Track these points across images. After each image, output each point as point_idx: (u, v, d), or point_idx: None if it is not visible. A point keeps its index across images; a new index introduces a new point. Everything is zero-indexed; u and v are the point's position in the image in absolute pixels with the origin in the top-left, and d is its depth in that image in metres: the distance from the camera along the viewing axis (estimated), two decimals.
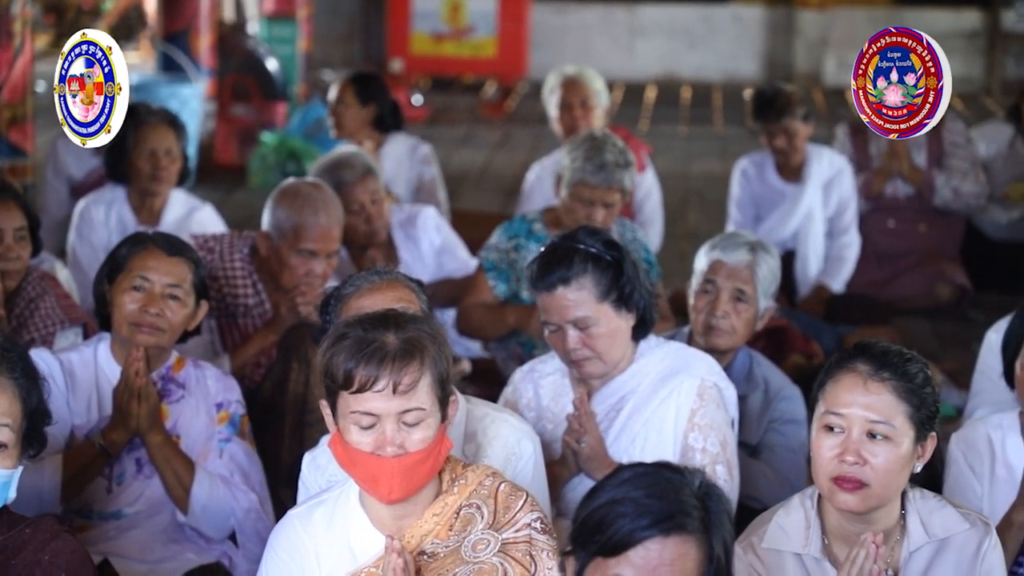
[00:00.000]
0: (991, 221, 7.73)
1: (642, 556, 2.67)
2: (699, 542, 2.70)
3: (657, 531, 2.68)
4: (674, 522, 2.68)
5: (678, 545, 2.68)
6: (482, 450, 3.67)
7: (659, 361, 4.10)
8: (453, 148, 11.45)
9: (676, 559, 2.68)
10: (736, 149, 9.35)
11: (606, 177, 5.39)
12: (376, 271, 3.78)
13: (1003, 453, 3.90)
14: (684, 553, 2.69)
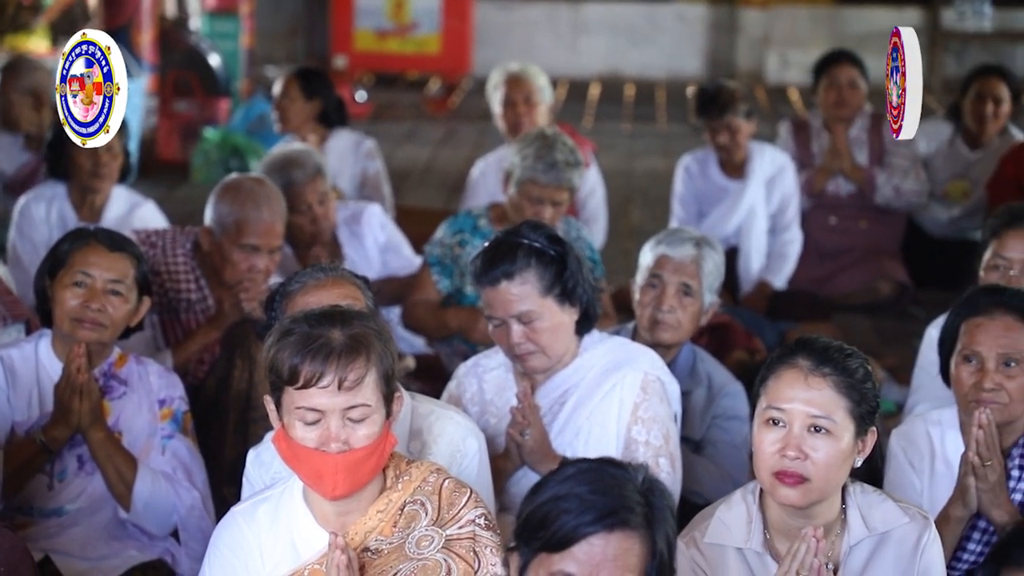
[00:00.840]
0: (932, 218, 7.79)
1: (585, 552, 2.68)
2: (642, 538, 2.70)
3: (600, 527, 2.68)
4: (617, 518, 2.69)
5: (621, 540, 2.69)
6: (427, 447, 3.67)
7: (602, 355, 4.12)
8: (397, 144, 11.43)
9: (619, 554, 2.68)
10: (679, 146, 9.38)
11: (556, 176, 5.41)
12: (322, 268, 3.77)
13: (942, 449, 3.93)
14: (627, 548, 2.69)
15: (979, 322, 3.84)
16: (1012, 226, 4.59)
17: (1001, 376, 3.79)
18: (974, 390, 3.81)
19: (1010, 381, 3.79)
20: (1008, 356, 3.80)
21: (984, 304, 3.87)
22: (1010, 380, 3.79)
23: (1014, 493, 3.83)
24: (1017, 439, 3.87)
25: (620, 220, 8.81)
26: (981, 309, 3.86)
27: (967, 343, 3.84)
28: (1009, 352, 3.80)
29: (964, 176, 7.77)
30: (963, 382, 3.83)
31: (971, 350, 3.83)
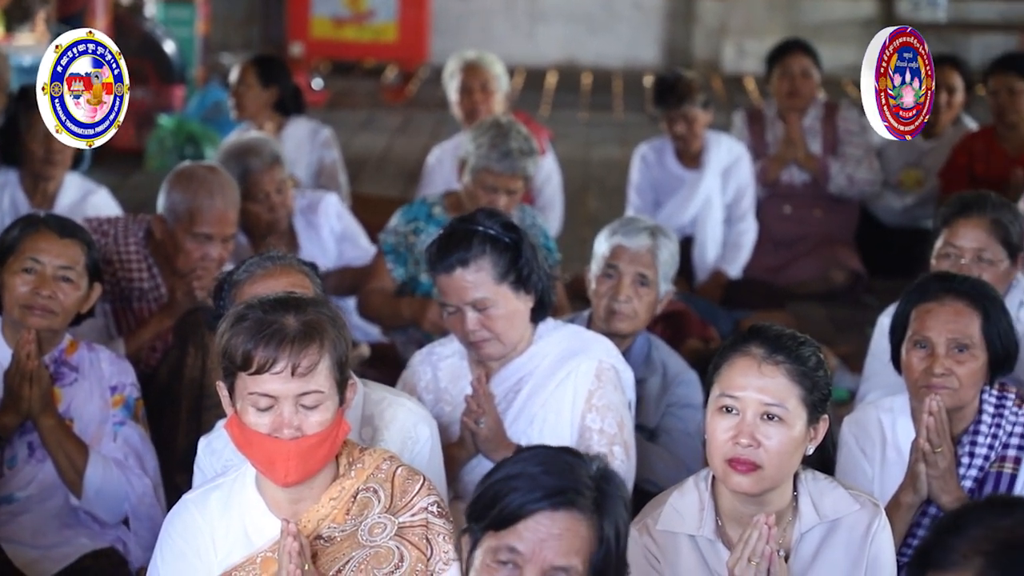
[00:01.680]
0: (885, 207, 7.83)
1: (531, 528, 2.68)
2: (590, 522, 2.70)
3: (547, 504, 2.68)
4: (565, 497, 2.68)
5: (567, 520, 2.68)
6: (379, 433, 3.67)
7: (557, 343, 4.12)
8: (354, 132, 11.40)
9: (564, 534, 2.68)
10: (636, 135, 9.39)
11: (510, 164, 5.42)
12: (270, 256, 3.76)
13: (893, 436, 3.96)
14: (573, 529, 2.69)
15: (929, 308, 3.86)
16: (963, 215, 4.62)
17: (951, 361, 3.82)
18: (924, 376, 3.83)
19: (960, 366, 3.82)
20: (958, 342, 3.82)
21: (934, 290, 3.89)
22: (960, 365, 3.82)
23: (964, 479, 3.86)
24: (967, 426, 3.90)
25: (576, 208, 8.82)
26: (931, 295, 3.88)
27: (917, 329, 3.87)
28: (959, 338, 3.82)
29: (917, 165, 7.81)
30: (914, 368, 3.86)
31: (921, 336, 3.86)
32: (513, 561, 2.68)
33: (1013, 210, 4.71)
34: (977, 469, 3.87)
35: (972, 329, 3.83)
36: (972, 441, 3.89)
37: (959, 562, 1.96)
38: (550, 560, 2.67)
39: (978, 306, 3.85)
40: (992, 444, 3.87)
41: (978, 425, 3.89)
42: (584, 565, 2.68)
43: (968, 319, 3.83)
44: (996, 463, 3.87)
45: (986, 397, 3.90)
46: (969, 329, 3.83)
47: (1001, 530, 1.98)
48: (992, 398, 3.90)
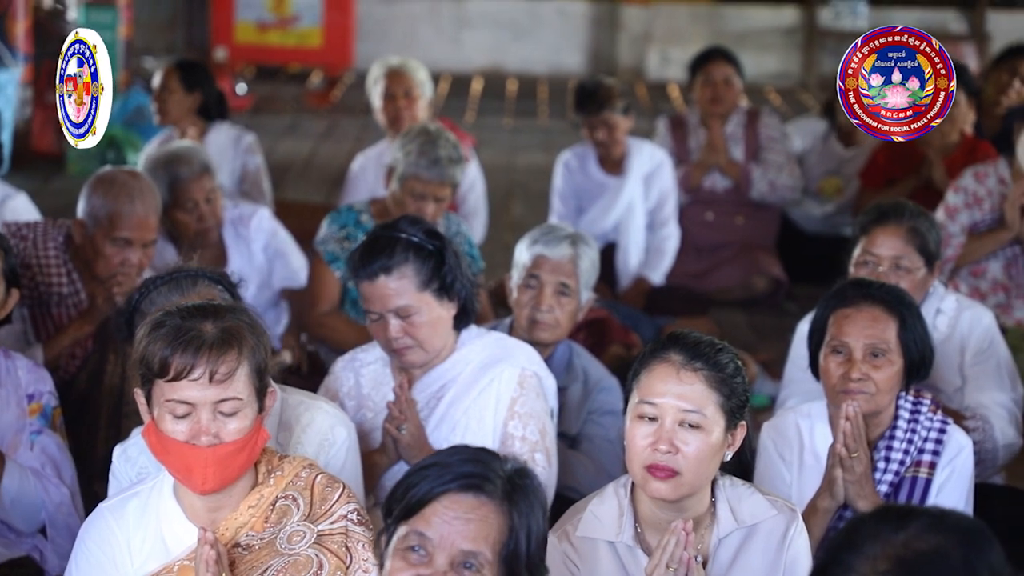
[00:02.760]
0: (806, 214, 7.89)
1: (439, 512, 2.67)
2: (499, 509, 2.68)
3: (455, 486, 2.68)
4: (473, 481, 2.68)
5: (475, 503, 2.67)
6: (296, 437, 3.67)
7: (480, 350, 4.13)
8: (278, 138, 11.36)
9: (471, 518, 2.67)
10: (561, 141, 9.42)
11: (439, 172, 5.43)
12: (178, 276, 3.70)
13: (811, 441, 3.99)
14: (480, 512, 2.68)
15: (847, 314, 3.90)
16: (881, 223, 4.67)
17: (868, 367, 3.86)
18: (842, 381, 3.87)
19: (877, 372, 3.86)
20: (874, 347, 3.87)
21: (852, 296, 3.94)
22: (876, 371, 3.86)
23: (879, 484, 3.90)
24: (883, 431, 3.94)
25: (501, 215, 8.83)
26: (849, 302, 3.92)
27: (835, 334, 3.91)
28: (875, 343, 3.87)
29: (837, 173, 7.88)
30: (831, 373, 3.90)
31: (839, 341, 3.90)
32: (422, 547, 2.67)
33: (930, 218, 4.77)
34: (893, 474, 3.91)
35: (888, 335, 3.87)
36: (888, 446, 3.93)
37: None
38: (458, 545, 2.66)
39: (895, 312, 3.89)
40: (907, 449, 3.92)
41: (894, 431, 3.93)
42: (494, 555, 2.67)
43: (885, 325, 3.88)
44: (911, 468, 3.91)
45: (902, 403, 3.95)
46: (885, 335, 3.87)
47: (895, 544, 1.99)
48: (908, 404, 3.95)
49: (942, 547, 1.99)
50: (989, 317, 4.88)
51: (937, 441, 3.92)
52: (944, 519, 2.05)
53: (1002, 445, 4.69)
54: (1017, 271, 6.27)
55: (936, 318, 4.75)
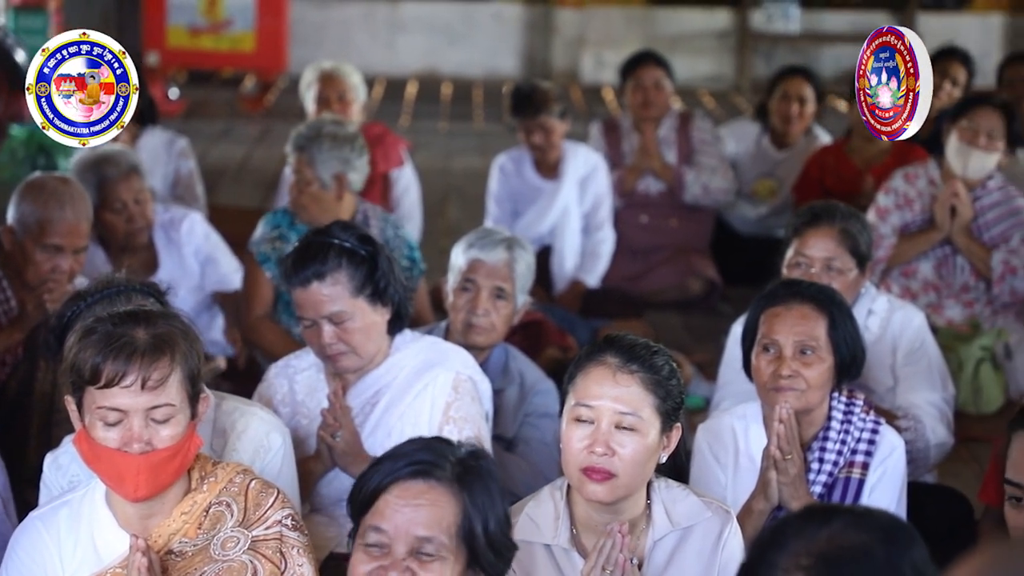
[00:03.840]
0: (739, 216, 7.93)
1: (391, 503, 2.69)
2: (451, 491, 2.70)
3: (405, 473, 2.69)
4: (421, 467, 2.69)
5: (424, 488, 2.69)
6: (230, 444, 3.65)
7: (415, 355, 4.12)
8: (211, 142, 11.30)
9: (420, 498, 2.68)
10: (496, 145, 9.41)
11: (292, 143, 5.54)
12: (110, 293, 3.67)
13: (746, 443, 4.01)
14: (430, 497, 2.69)
15: (777, 312, 3.93)
16: (813, 225, 4.70)
17: (798, 364, 3.88)
18: (772, 378, 3.89)
19: (807, 369, 3.88)
20: (804, 344, 3.89)
21: (782, 295, 3.97)
22: (806, 368, 3.88)
23: (813, 485, 3.92)
24: (816, 432, 3.96)
25: (437, 218, 8.83)
26: (779, 300, 3.95)
27: (766, 332, 3.93)
28: (805, 340, 3.89)
29: (771, 175, 7.93)
30: (762, 371, 3.92)
31: (769, 339, 3.92)
32: (380, 540, 2.68)
33: (861, 220, 4.81)
34: (826, 475, 3.93)
35: (818, 332, 3.90)
36: (821, 447, 3.95)
37: None
38: (412, 532, 2.67)
39: (824, 310, 3.92)
40: (841, 450, 3.94)
41: (827, 431, 3.95)
42: (451, 539, 2.68)
43: (814, 322, 3.90)
44: (845, 469, 3.94)
45: (835, 404, 3.97)
46: (815, 332, 3.90)
47: (819, 541, 2.01)
48: (841, 404, 3.97)
49: (866, 544, 2.01)
50: (920, 317, 4.92)
51: (870, 442, 3.94)
52: (868, 517, 2.07)
53: (933, 444, 4.73)
54: (948, 271, 6.33)
55: (868, 319, 4.79)
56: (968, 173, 6.19)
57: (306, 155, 5.49)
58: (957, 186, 6.15)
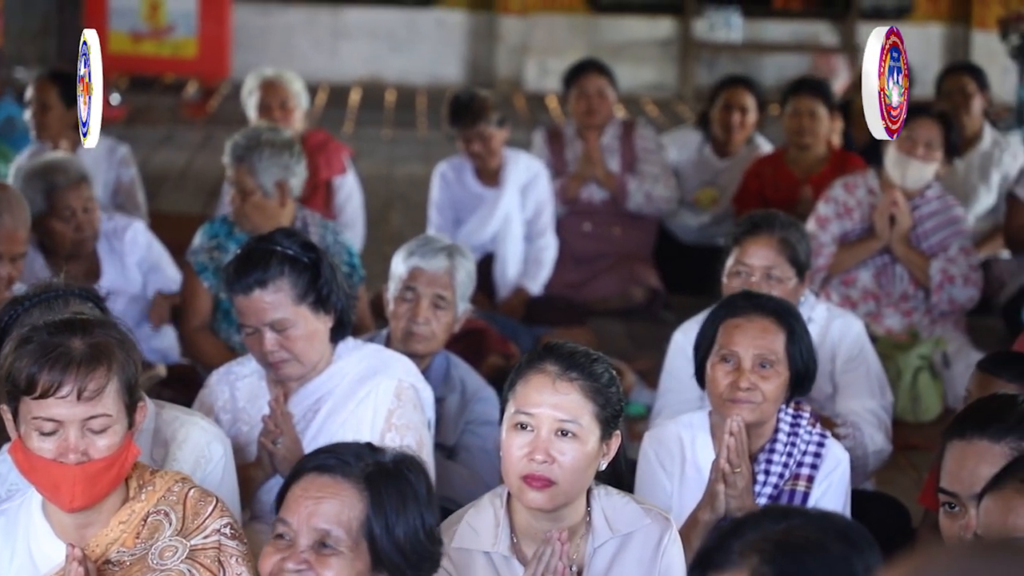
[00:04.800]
0: (682, 225, 7.96)
1: (296, 496, 2.71)
2: (355, 488, 2.69)
3: (312, 466, 2.70)
4: (328, 462, 2.71)
5: (328, 482, 2.69)
6: (171, 454, 3.63)
7: (357, 362, 4.12)
8: (153, 149, 11.24)
9: (322, 491, 2.68)
10: (439, 152, 9.41)
11: (231, 154, 5.49)
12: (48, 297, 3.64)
13: (693, 452, 4.01)
14: (332, 490, 2.69)
15: (737, 323, 3.94)
16: (752, 234, 4.72)
17: (756, 376, 3.89)
18: (730, 389, 3.90)
19: (764, 382, 3.90)
20: (763, 358, 3.91)
21: (742, 307, 3.98)
22: (764, 381, 3.90)
23: (759, 497, 3.93)
24: (764, 444, 3.97)
25: (380, 225, 8.81)
26: (739, 311, 3.97)
27: (724, 344, 3.94)
28: (765, 354, 3.91)
29: (713, 184, 7.97)
30: (719, 382, 3.93)
31: (728, 350, 3.93)
32: (286, 532, 2.70)
33: (800, 229, 4.84)
34: (772, 487, 3.95)
35: (777, 346, 3.92)
36: (768, 459, 3.96)
37: (736, 561, 2.04)
38: (313, 523, 2.67)
39: (784, 324, 3.94)
40: (787, 462, 3.96)
41: (774, 443, 3.97)
42: (351, 536, 2.67)
43: (774, 336, 3.92)
44: (790, 481, 3.95)
45: (782, 416, 3.99)
46: (774, 345, 3.91)
47: (776, 533, 2.06)
48: (788, 417, 3.99)
49: (821, 540, 2.05)
50: (859, 326, 4.95)
51: (816, 455, 3.96)
52: (826, 518, 2.12)
53: (872, 452, 4.77)
54: (887, 280, 6.38)
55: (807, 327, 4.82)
56: (907, 183, 6.25)
57: (246, 164, 5.47)
58: (896, 195, 6.21)
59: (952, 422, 3.21)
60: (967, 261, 6.31)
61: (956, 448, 3.10)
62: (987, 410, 3.17)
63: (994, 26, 11.36)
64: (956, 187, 7.29)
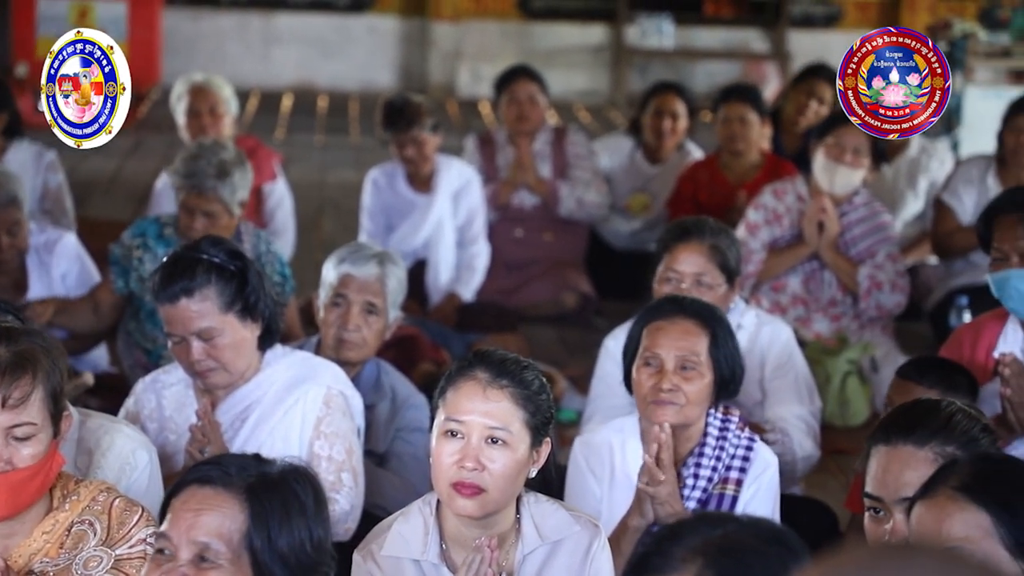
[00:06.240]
0: (613, 231, 7.99)
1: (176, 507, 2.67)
2: (236, 500, 2.65)
3: (192, 478, 2.67)
4: (208, 474, 2.67)
5: (208, 495, 2.65)
6: (95, 461, 3.60)
7: (285, 370, 4.10)
8: (82, 155, 11.13)
9: (202, 504, 2.64)
10: (372, 159, 9.38)
11: (196, 184, 5.40)
12: None
13: (623, 458, 4.02)
14: (211, 503, 2.65)
15: (660, 326, 3.96)
16: (683, 240, 4.74)
17: (678, 378, 3.91)
18: (652, 391, 3.91)
19: (687, 383, 3.91)
20: (685, 359, 3.92)
21: (666, 310, 4.00)
22: (687, 383, 3.91)
23: (688, 501, 3.95)
24: (692, 448, 3.98)
25: (311, 232, 8.78)
26: (662, 314, 3.98)
27: (648, 346, 3.96)
28: (686, 355, 3.92)
29: (644, 190, 7.99)
30: (642, 384, 3.94)
31: (651, 353, 3.95)
32: (166, 546, 2.65)
33: (730, 235, 4.86)
34: (701, 491, 3.96)
35: (699, 347, 3.93)
36: (697, 463, 3.98)
37: (678, 566, 2.05)
38: (193, 536, 2.63)
39: (707, 326, 3.96)
40: (716, 466, 3.97)
41: (703, 447, 3.98)
42: (231, 549, 2.63)
43: (696, 338, 3.94)
44: (719, 485, 3.97)
45: (711, 420, 4.00)
46: (696, 347, 3.93)
47: (716, 538, 2.07)
48: (717, 421, 4.01)
49: (759, 546, 2.08)
50: (788, 332, 4.98)
51: (744, 459, 3.98)
52: (760, 523, 2.14)
53: (800, 457, 4.80)
54: (816, 285, 6.43)
55: (737, 333, 4.82)
56: (835, 189, 6.29)
57: (215, 192, 5.41)
58: (824, 202, 6.26)
59: (876, 427, 3.23)
60: (894, 267, 6.36)
61: (881, 453, 3.13)
62: (911, 415, 3.20)
63: None
64: (884, 193, 7.35)
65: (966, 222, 6.80)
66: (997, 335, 4.34)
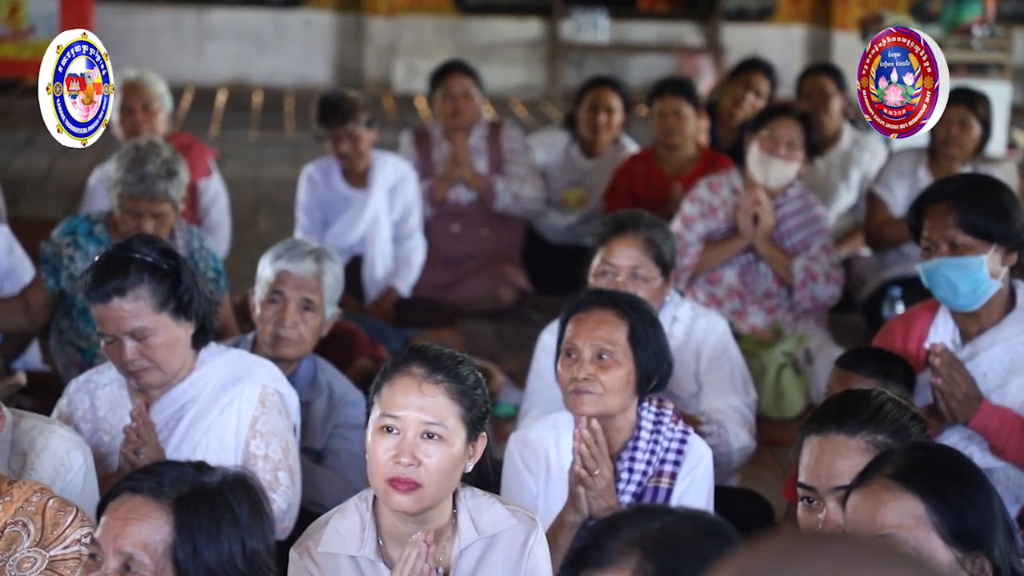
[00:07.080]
0: (549, 225, 8.00)
1: (106, 518, 2.66)
2: (162, 510, 2.64)
3: (123, 487, 2.67)
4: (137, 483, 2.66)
5: (135, 504, 2.65)
6: (29, 463, 3.57)
7: (220, 369, 4.08)
8: (14, 152, 11.04)
9: (130, 513, 2.64)
10: (307, 155, 9.35)
11: (147, 188, 5.33)
12: None
13: (558, 453, 4.03)
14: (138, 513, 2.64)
15: (579, 318, 3.99)
16: (618, 234, 4.76)
17: (595, 367, 3.92)
18: (572, 382, 3.94)
19: (603, 373, 3.92)
20: (601, 348, 3.93)
21: (585, 302, 4.02)
22: (603, 372, 3.92)
23: (623, 495, 3.96)
24: (625, 441, 4.00)
25: (247, 229, 8.74)
26: (583, 307, 4.01)
27: (568, 338, 3.98)
28: (602, 344, 3.93)
29: (580, 184, 8.01)
30: (563, 376, 3.97)
31: (571, 344, 3.97)
32: (96, 552, 2.65)
33: (665, 229, 4.88)
34: (636, 484, 3.97)
35: (616, 336, 3.94)
36: (631, 457, 3.99)
37: (616, 559, 2.06)
38: (118, 546, 2.63)
39: (625, 317, 3.96)
40: (650, 460, 3.99)
41: (636, 441, 4.00)
42: (155, 559, 2.62)
43: (612, 327, 3.95)
44: (654, 478, 3.98)
45: (644, 413, 4.01)
46: (612, 336, 3.94)
47: (653, 531, 2.09)
48: (650, 414, 4.02)
49: (696, 538, 2.09)
50: (723, 324, 5.01)
51: (678, 451, 4.00)
52: (696, 515, 2.16)
53: (736, 449, 4.83)
54: (751, 278, 6.46)
55: (672, 326, 4.86)
56: (769, 182, 6.33)
57: (166, 194, 5.36)
58: (759, 194, 6.29)
59: (809, 417, 3.26)
60: (828, 259, 6.41)
61: (813, 443, 3.15)
62: (843, 405, 3.23)
63: (855, 27, 11.55)
64: (817, 186, 7.40)
65: (898, 214, 6.86)
66: (928, 325, 4.38)
